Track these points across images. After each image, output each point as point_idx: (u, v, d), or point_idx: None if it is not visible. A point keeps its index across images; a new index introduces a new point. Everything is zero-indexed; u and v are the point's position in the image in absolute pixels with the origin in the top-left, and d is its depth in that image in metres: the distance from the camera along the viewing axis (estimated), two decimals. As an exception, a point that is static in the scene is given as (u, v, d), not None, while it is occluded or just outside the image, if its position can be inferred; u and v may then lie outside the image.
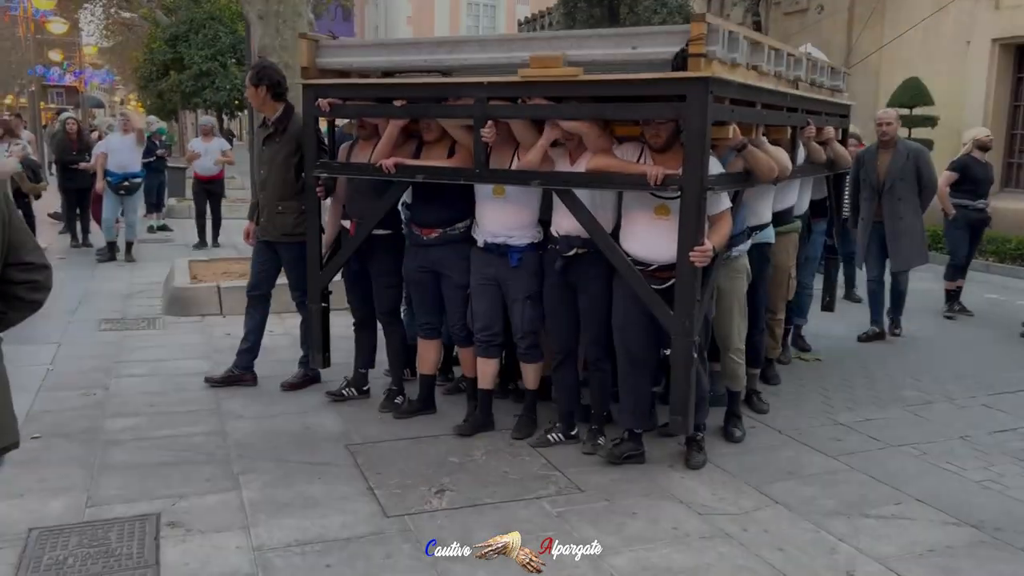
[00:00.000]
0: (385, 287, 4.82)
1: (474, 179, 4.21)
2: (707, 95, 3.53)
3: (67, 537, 3.30)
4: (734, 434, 4.52)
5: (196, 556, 3.18)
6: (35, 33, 25.72)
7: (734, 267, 4.32)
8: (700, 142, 3.58)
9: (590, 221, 3.94)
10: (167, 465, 4.03)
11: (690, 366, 3.80)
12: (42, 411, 4.75)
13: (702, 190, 3.63)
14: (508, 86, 4.03)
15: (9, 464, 4.00)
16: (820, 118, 5.22)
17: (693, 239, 3.67)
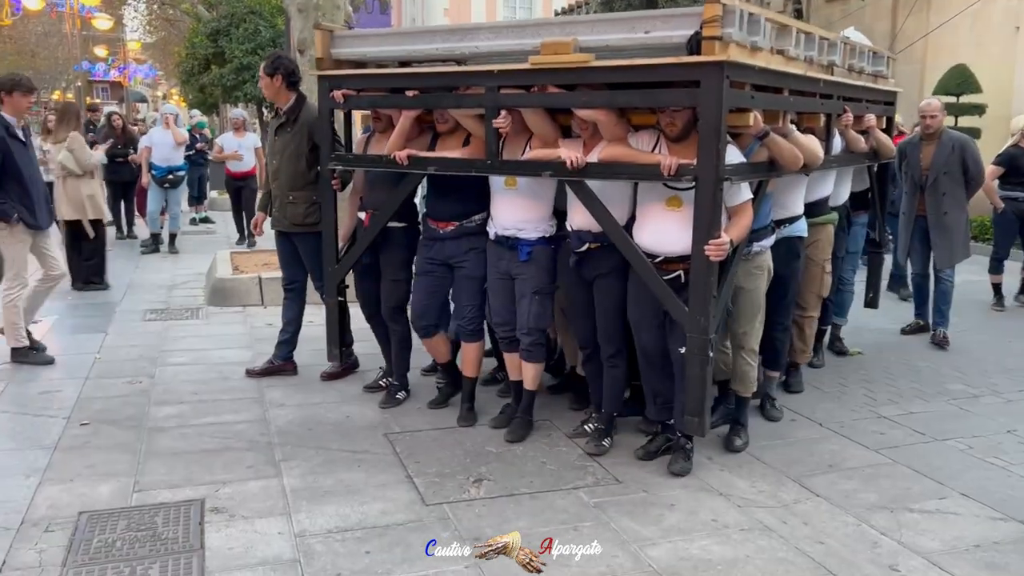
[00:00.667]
0: (392, 281, 4.76)
1: (485, 170, 4.12)
2: (722, 80, 3.37)
3: (115, 521, 3.38)
4: (734, 443, 4.23)
5: (240, 541, 3.24)
6: (81, 29, 26.25)
7: (755, 264, 4.13)
8: (715, 130, 3.42)
9: (602, 214, 3.82)
10: (211, 452, 4.11)
11: (707, 365, 3.65)
12: (90, 398, 4.86)
13: (717, 180, 3.46)
14: (518, 74, 3.91)
15: (60, 450, 4.14)
16: (860, 105, 5.02)
17: (708, 232, 3.52)
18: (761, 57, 3.68)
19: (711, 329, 3.60)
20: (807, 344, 5.10)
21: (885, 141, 5.28)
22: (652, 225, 3.80)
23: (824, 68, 4.44)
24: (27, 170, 5.39)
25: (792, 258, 4.44)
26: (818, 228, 4.81)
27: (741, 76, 3.55)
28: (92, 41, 33.73)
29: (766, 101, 3.88)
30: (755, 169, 3.85)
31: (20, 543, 3.19)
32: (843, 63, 4.70)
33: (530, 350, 4.33)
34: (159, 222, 10.25)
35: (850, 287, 5.90)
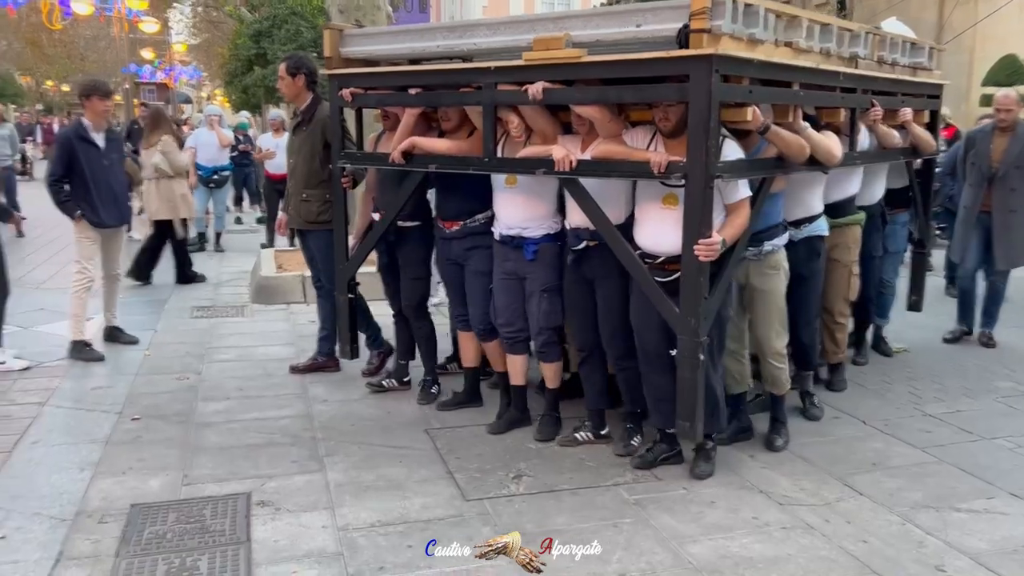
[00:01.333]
0: (411, 279, 4.76)
1: (482, 168, 4.06)
2: (710, 75, 3.25)
3: (165, 513, 3.47)
4: (774, 442, 4.17)
5: (285, 534, 3.31)
6: (128, 33, 26.82)
7: (768, 263, 4.01)
8: (704, 125, 3.30)
9: (595, 212, 3.73)
10: (256, 447, 4.20)
11: (697, 368, 3.51)
12: (140, 394, 4.99)
13: (707, 178, 3.35)
14: (513, 70, 3.84)
15: (112, 444, 4.26)
16: (894, 99, 4.81)
17: (698, 231, 3.40)
18: (763, 50, 3.56)
19: (702, 331, 3.48)
20: (839, 346, 5.00)
21: (924, 136, 5.04)
22: (650, 224, 3.70)
23: (845, 60, 4.27)
24: (94, 171, 5.64)
25: (812, 258, 4.33)
26: (843, 230, 4.68)
27: (735, 70, 3.44)
28: (139, 44, 34.43)
29: (768, 95, 3.74)
30: (752, 166, 3.72)
31: (76, 533, 3.30)
32: (872, 55, 4.50)
33: (544, 350, 4.27)
34: (204, 221, 10.45)
35: (891, 288, 5.72)
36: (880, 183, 5.12)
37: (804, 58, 3.88)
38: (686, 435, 3.69)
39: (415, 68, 4.45)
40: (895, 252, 5.63)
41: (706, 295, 3.48)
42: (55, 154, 5.79)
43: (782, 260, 4.06)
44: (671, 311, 3.56)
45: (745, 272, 4.01)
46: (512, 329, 4.30)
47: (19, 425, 4.43)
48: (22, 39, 32.94)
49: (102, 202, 5.69)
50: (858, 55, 4.34)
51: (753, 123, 3.55)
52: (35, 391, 4.99)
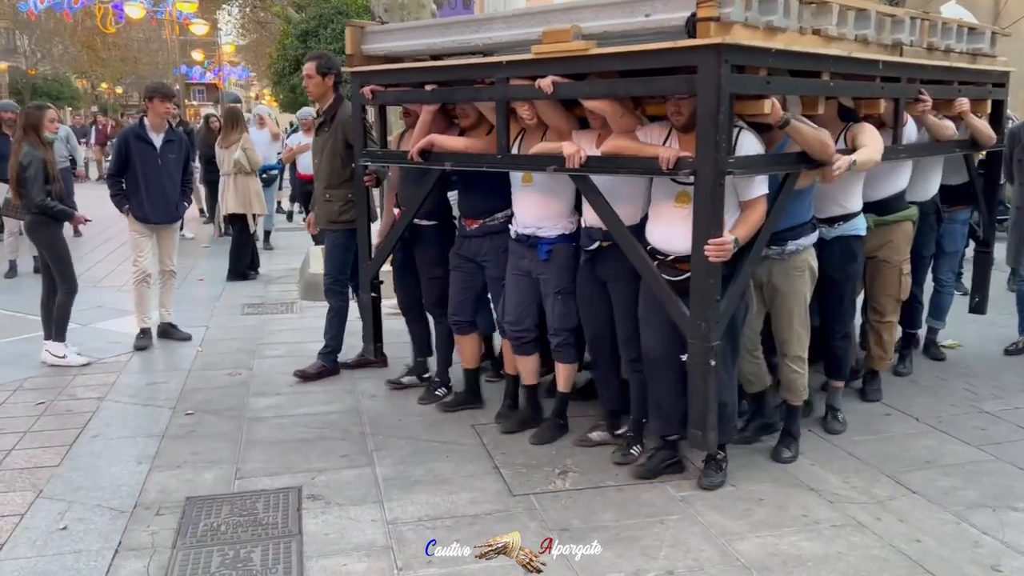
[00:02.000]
0: (429, 278, 4.75)
1: (495, 165, 4.00)
2: (719, 65, 3.09)
3: (219, 506, 3.56)
4: (781, 454, 3.96)
5: (335, 527, 3.37)
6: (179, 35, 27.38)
7: (793, 264, 3.83)
8: (713, 119, 3.15)
9: (605, 210, 3.63)
10: (307, 441, 4.27)
11: (708, 374, 3.36)
12: (194, 389, 5.11)
13: (717, 174, 3.19)
14: (524, 64, 3.75)
15: (167, 438, 4.37)
16: (948, 88, 4.57)
17: (708, 230, 3.25)
18: (784, 38, 3.41)
19: (714, 336, 3.33)
20: (886, 350, 4.73)
21: (982, 127, 4.74)
22: (662, 223, 3.59)
23: (887, 48, 4.05)
24: (147, 170, 5.89)
25: (848, 260, 4.12)
26: (892, 227, 4.45)
27: (751, 60, 3.28)
28: (189, 46, 35.17)
29: (789, 86, 3.58)
30: (767, 162, 3.54)
31: (134, 525, 3.40)
32: (920, 41, 4.27)
33: (559, 350, 4.20)
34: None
35: (949, 289, 5.45)
36: (934, 178, 4.88)
37: (835, 46, 3.68)
38: (698, 444, 3.52)
39: (429, 64, 4.40)
40: (953, 252, 5.31)
41: (718, 297, 3.33)
42: (113, 151, 6.10)
43: (809, 261, 3.88)
44: (681, 314, 3.42)
45: (768, 271, 3.85)
46: (519, 329, 4.23)
47: (80, 419, 4.58)
48: (78, 43, 33.80)
49: (151, 200, 5.92)
50: (901, 42, 4.12)
51: (772, 117, 3.38)
52: (94, 386, 5.15)
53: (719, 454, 3.74)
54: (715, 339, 3.35)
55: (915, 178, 4.67)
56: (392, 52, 4.59)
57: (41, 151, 5.48)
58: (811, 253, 3.89)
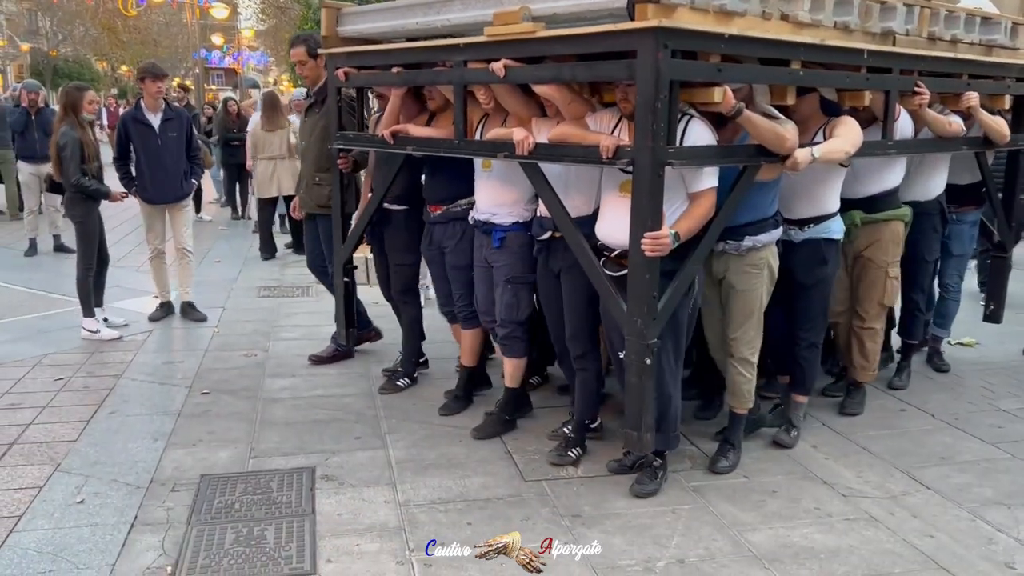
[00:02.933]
0: (396, 264, 4.69)
1: (452, 150, 3.88)
2: (656, 50, 2.91)
3: (234, 484, 3.59)
4: (717, 463, 3.75)
5: (348, 508, 3.39)
6: (199, 19, 27.47)
7: (750, 261, 3.63)
8: (650, 106, 2.97)
9: (551, 200, 3.51)
10: (321, 423, 4.30)
11: (644, 372, 3.20)
12: (210, 369, 5.15)
13: (655, 164, 3.02)
14: (479, 47, 3.60)
15: (183, 416, 4.41)
16: (954, 81, 4.26)
17: (645, 223, 3.08)
18: (743, 23, 3.21)
19: (650, 333, 3.17)
20: (869, 360, 4.39)
21: (994, 124, 4.37)
22: (608, 214, 3.43)
23: (875, 37, 3.81)
24: (147, 151, 5.98)
25: (816, 264, 3.86)
26: (880, 226, 4.18)
27: (696, 45, 3.10)
28: (209, 30, 35.20)
29: (746, 74, 3.37)
30: (716, 153, 3.33)
31: (150, 500, 3.43)
32: (918, 31, 3.98)
33: (506, 343, 4.07)
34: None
35: (955, 295, 5.09)
36: (938, 176, 4.58)
37: (808, 33, 3.46)
38: (633, 446, 3.35)
39: (391, 47, 4.28)
40: (960, 255, 5.00)
41: (655, 293, 3.17)
42: (115, 136, 6.17)
43: (768, 259, 3.66)
44: (619, 309, 3.28)
45: (724, 266, 3.69)
46: (491, 319, 4.13)
47: (97, 396, 4.62)
48: (99, 25, 33.97)
49: (154, 180, 6.01)
50: (893, 30, 3.84)
51: (724, 106, 3.19)
52: (112, 364, 5.19)
53: (656, 460, 3.57)
54: (651, 337, 3.18)
55: (915, 176, 4.49)
56: (363, 34, 4.48)
57: (78, 131, 5.60)
58: (771, 251, 3.69)
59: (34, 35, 40.00)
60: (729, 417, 3.91)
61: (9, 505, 3.37)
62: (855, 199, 4.16)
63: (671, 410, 3.49)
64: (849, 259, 4.27)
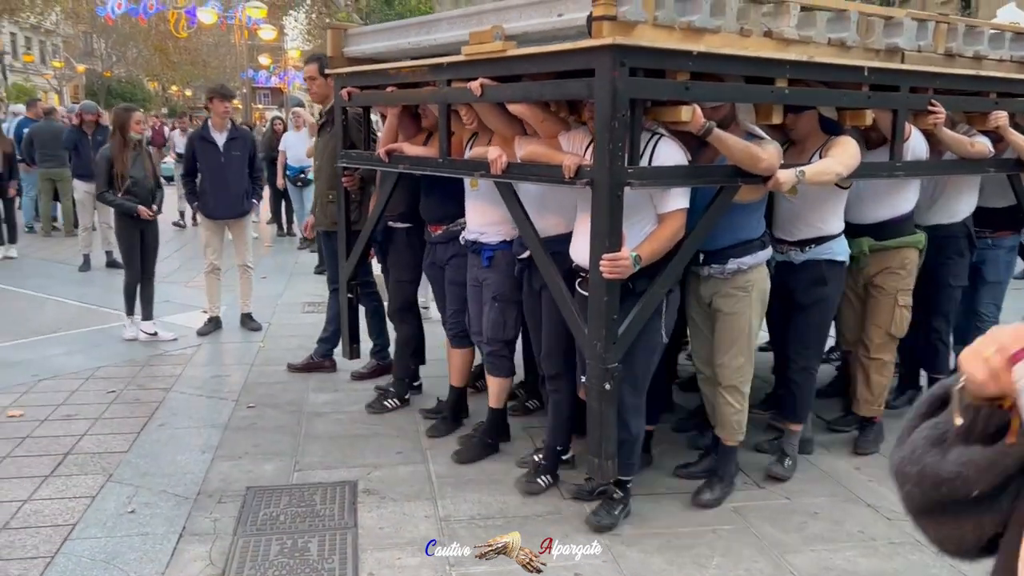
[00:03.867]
0: (395, 281, 4.70)
1: (437, 169, 3.90)
2: (612, 67, 2.85)
3: (279, 496, 3.66)
4: (701, 496, 3.59)
5: (390, 521, 3.44)
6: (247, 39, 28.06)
7: (736, 284, 3.48)
8: (607, 125, 2.91)
9: (519, 217, 3.47)
10: (363, 437, 4.36)
11: (605, 399, 3.12)
12: (256, 383, 5.25)
13: (613, 185, 2.95)
14: (459, 66, 3.59)
15: (230, 429, 4.50)
16: (981, 100, 4.04)
17: (604, 244, 3.01)
18: (716, 40, 3.13)
19: (610, 358, 3.09)
20: (875, 394, 4.12)
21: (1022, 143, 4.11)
22: (580, 234, 3.33)
23: (878, 53, 3.65)
24: (211, 168, 6.19)
25: (815, 283, 3.71)
26: (891, 253, 3.96)
27: (658, 62, 3.03)
28: (256, 50, 36.00)
29: (719, 92, 3.28)
30: (681, 173, 3.21)
31: (197, 511, 3.51)
32: (934, 47, 3.81)
33: (491, 362, 4.01)
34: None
35: (991, 324, 4.52)
36: (964, 199, 4.35)
37: (796, 50, 3.35)
38: (594, 473, 3.28)
39: (383, 66, 4.30)
40: (995, 282, 4.67)
41: (614, 316, 3.08)
42: (184, 153, 6.47)
43: (757, 282, 3.52)
44: (580, 332, 3.23)
45: (711, 290, 3.56)
46: (482, 338, 4.07)
47: (148, 408, 4.74)
48: (151, 47, 34.94)
49: (215, 196, 6.21)
50: (898, 46, 3.68)
51: (693, 125, 3.10)
52: (162, 377, 5.33)
53: (616, 492, 3.44)
54: (611, 361, 3.10)
55: (939, 198, 4.31)
56: (366, 54, 4.54)
57: (115, 150, 5.90)
58: (760, 274, 3.54)
59: (89, 56, 41.33)
60: (718, 450, 3.75)
61: (64, 513, 3.48)
62: (863, 224, 3.98)
63: (632, 438, 3.37)
64: (859, 286, 4.09)
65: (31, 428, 4.41)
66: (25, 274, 8.73)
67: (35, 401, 4.84)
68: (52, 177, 10.46)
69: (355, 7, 24.44)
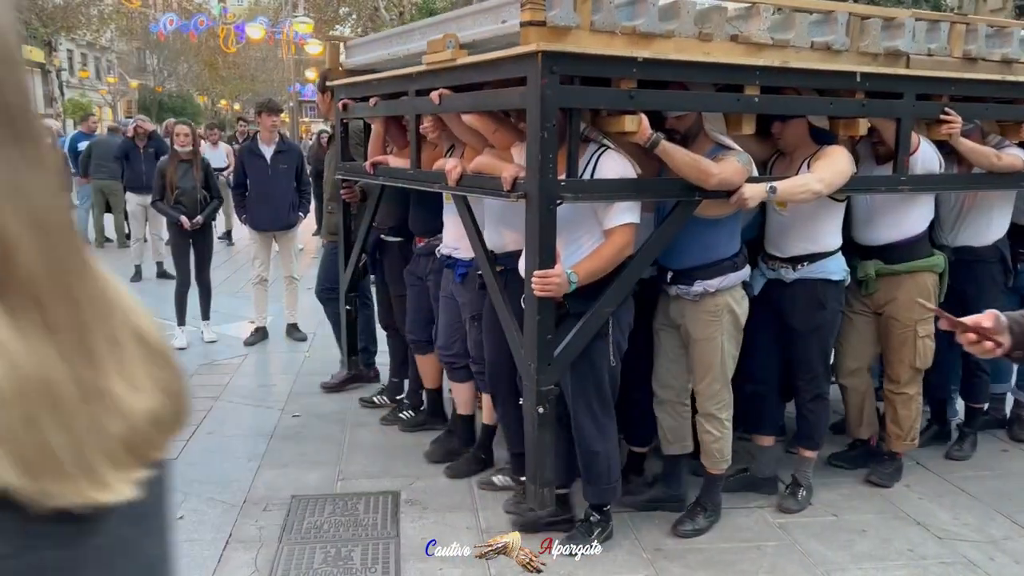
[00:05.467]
0: (395, 296, 4.70)
1: (409, 181, 3.88)
2: (540, 75, 2.72)
3: (323, 505, 3.70)
4: (682, 525, 3.42)
5: (431, 532, 3.45)
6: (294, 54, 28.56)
7: (705, 307, 3.26)
8: (536, 136, 2.80)
9: (470, 231, 3.43)
10: (406, 448, 4.38)
11: (543, 423, 2.99)
12: (301, 393, 5.33)
13: (543, 199, 2.83)
14: (423, 77, 3.53)
15: (276, 438, 4.56)
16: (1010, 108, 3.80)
17: (536, 261, 2.89)
18: (668, 45, 2.94)
19: (544, 380, 2.97)
20: (903, 428, 3.85)
21: None
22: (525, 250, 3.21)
23: (875, 58, 3.39)
24: (258, 180, 6.33)
25: (813, 307, 3.49)
26: (902, 279, 3.68)
27: (591, 70, 2.89)
28: (303, 65, 36.58)
29: (668, 101, 3.11)
30: (620, 187, 3.02)
31: (243, 519, 3.57)
32: (949, 50, 3.55)
33: (479, 379, 3.86)
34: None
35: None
36: (996, 219, 4.04)
37: (770, 55, 3.14)
38: (532, 501, 3.16)
39: (364, 78, 4.31)
40: None
41: (548, 336, 2.96)
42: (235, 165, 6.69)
43: (729, 304, 3.28)
44: (517, 352, 3.11)
45: (681, 312, 3.35)
46: (449, 354, 4.01)
47: (196, 417, 4.83)
48: (201, 62, 35.76)
49: (261, 208, 6.35)
50: (900, 50, 3.41)
51: (639, 136, 2.96)
52: (210, 386, 5.43)
53: (593, 515, 3.32)
54: (545, 384, 2.98)
55: (967, 218, 4.02)
56: (359, 66, 4.58)
57: (167, 162, 6.29)
58: (733, 296, 3.31)
59: (142, 72, 42.43)
60: (704, 479, 3.55)
61: (115, 518, 3.55)
62: (871, 246, 3.74)
63: (598, 463, 3.23)
64: (869, 312, 3.83)
65: (84, 435, 4.52)
66: (79, 284, 8.96)
67: (88, 408, 4.97)
68: (104, 189, 10.74)
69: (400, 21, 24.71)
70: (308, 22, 21.21)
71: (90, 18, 29.41)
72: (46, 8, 26.64)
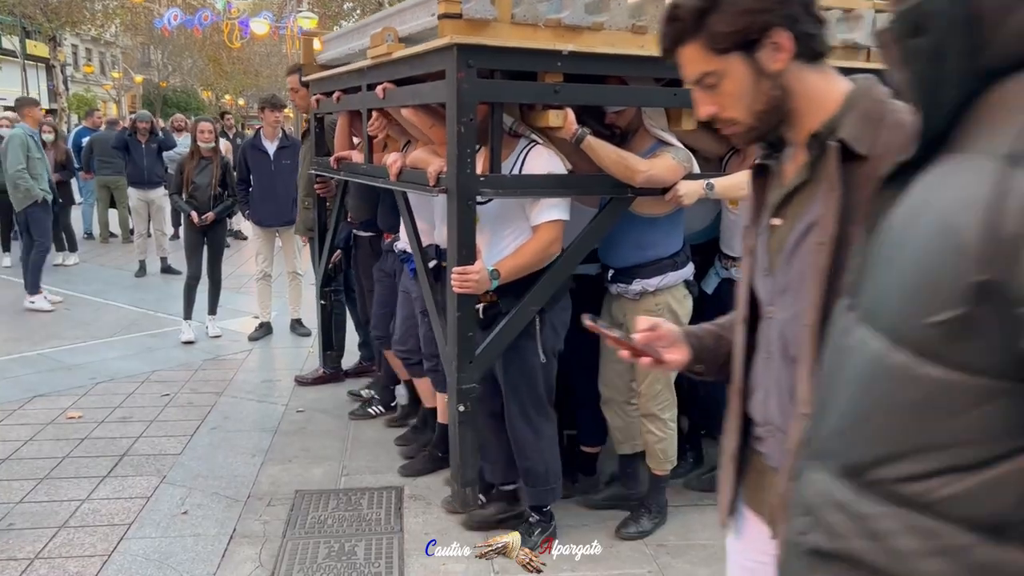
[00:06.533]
0: (366, 290, 4.73)
1: (362, 176, 3.86)
2: (457, 69, 2.70)
3: (327, 500, 3.72)
4: (626, 527, 3.37)
5: (434, 527, 3.46)
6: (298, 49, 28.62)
7: (645, 307, 3.17)
8: (453, 131, 2.78)
9: (408, 226, 3.43)
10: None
11: (461, 421, 2.99)
12: (305, 388, 5.34)
13: (461, 194, 2.82)
14: (370, 71, 3.51)
15: (280, 433, 4.58)
16: None
17: (454, 257, 2.88)
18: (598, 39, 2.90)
19: (465, 378, 2.96)
20: None
21: None
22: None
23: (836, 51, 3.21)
24: (260, 176, 6.34)
25: None
26: None
27: (511, 63, 2.84)
28: (307, 60, 36.59)
29: (597, 95, 3.01)
30: (542, 183, 2.96)
31: (248, 514, 3.59)
32: None
33: (432, 375, 3.77)
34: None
35: None
36: None
37: None
38: (456, 499, 3.20)
39: (323, 74, 4.35)
40: None
41: (469, 334, 2.95)
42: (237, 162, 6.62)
43: (670, 303, 3.20)
44: (442, 348, 3.12)
45: (622, 311, 3.28)
46: (403, 349, 3.97)
47: (200, 412, 4.86)
48: (205, 57, 35.82)
49: (264, 204, 6.36)
50: (858, 43, 3.32)
51: (565, 131, 2.92)
52: (214, 381, 5.45)
53: (532, 516, 3.30)
54: (466, 382, 2.97)
55: None
56: (325, 61, 4.61)
57: (187, 156, 6.47)
58: (674, 295, 3.22)
59: (147, 67, 42.49)
60: (650, 481, 3.49)
61: (120, 513, 3.58)
62: None
63: (539, 464, 3.21)
64: None
65: (89, 429, 4.55)
66: (84, 280, 8.99)
67: (93, 403, 4.99)
68: (108, 184, 10.75)
69: (403, 16, 24.62)
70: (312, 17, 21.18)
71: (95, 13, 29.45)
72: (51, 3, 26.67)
